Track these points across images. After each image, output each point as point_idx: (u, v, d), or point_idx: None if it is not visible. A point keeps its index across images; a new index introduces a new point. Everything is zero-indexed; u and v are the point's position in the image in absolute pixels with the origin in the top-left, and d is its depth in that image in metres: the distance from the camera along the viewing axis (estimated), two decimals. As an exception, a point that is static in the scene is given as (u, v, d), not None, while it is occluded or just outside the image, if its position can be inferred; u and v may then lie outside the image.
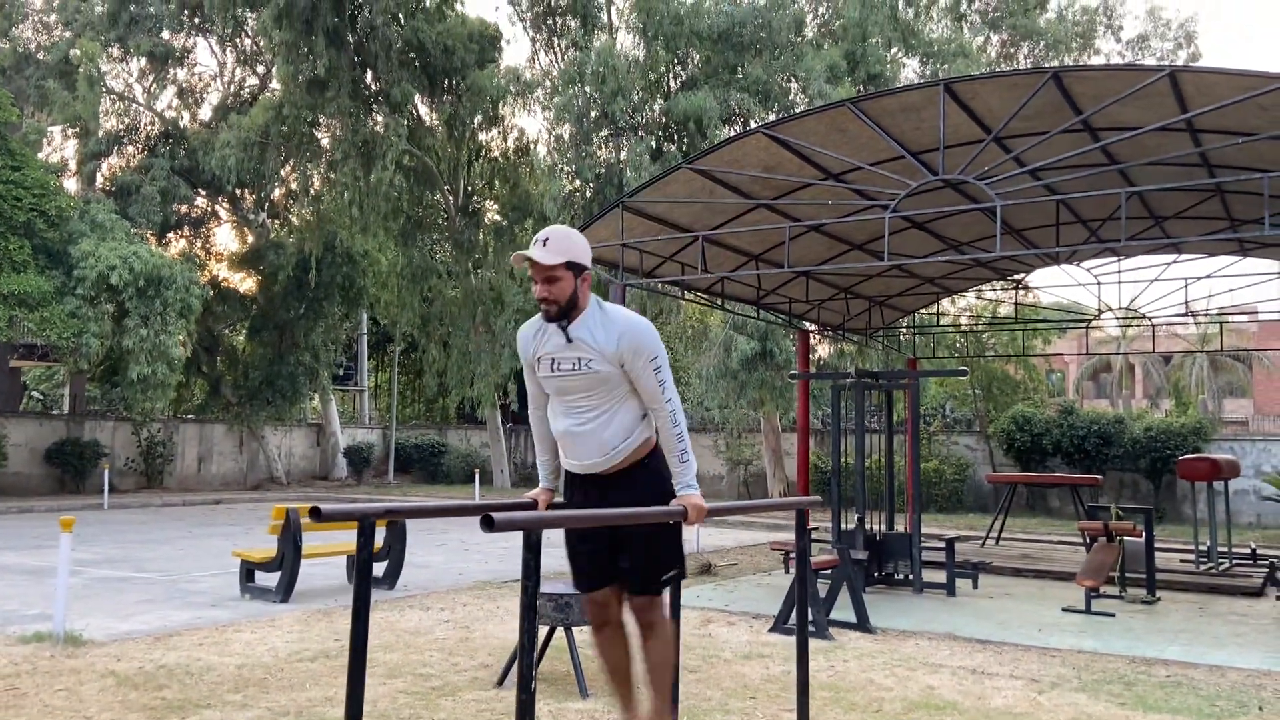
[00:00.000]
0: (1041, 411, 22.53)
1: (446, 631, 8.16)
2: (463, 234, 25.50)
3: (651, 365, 3.38)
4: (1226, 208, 11.73)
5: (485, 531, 2.57)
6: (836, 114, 9.33)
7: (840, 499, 10.71)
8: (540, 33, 24.57)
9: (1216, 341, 31.20)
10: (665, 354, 3.50)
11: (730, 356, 20.18)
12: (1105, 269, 14.97)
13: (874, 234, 12.28)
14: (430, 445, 31.26)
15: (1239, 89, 7.67)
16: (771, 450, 23.61)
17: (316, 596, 9.83)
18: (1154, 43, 26.34)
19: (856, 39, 19.71)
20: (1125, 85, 8.09)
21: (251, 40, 27.19)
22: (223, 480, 27.46)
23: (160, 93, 27.93)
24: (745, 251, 12.31)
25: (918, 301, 16.91)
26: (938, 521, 18.89)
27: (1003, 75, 9.13)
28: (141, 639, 7.45)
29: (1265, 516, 19.52)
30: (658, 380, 3.41)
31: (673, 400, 3.43)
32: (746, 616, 9.03)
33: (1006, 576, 12.11)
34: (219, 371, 27.44)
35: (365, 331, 34.02)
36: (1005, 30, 24.98)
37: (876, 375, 11.30)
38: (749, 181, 10.52)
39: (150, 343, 20.08)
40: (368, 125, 22.93)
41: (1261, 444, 20.62)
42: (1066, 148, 9.48)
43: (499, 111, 25.00)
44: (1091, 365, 49.79)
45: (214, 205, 27.65)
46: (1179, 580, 11.33)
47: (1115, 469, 21.25)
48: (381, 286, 26.94)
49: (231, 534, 16.08)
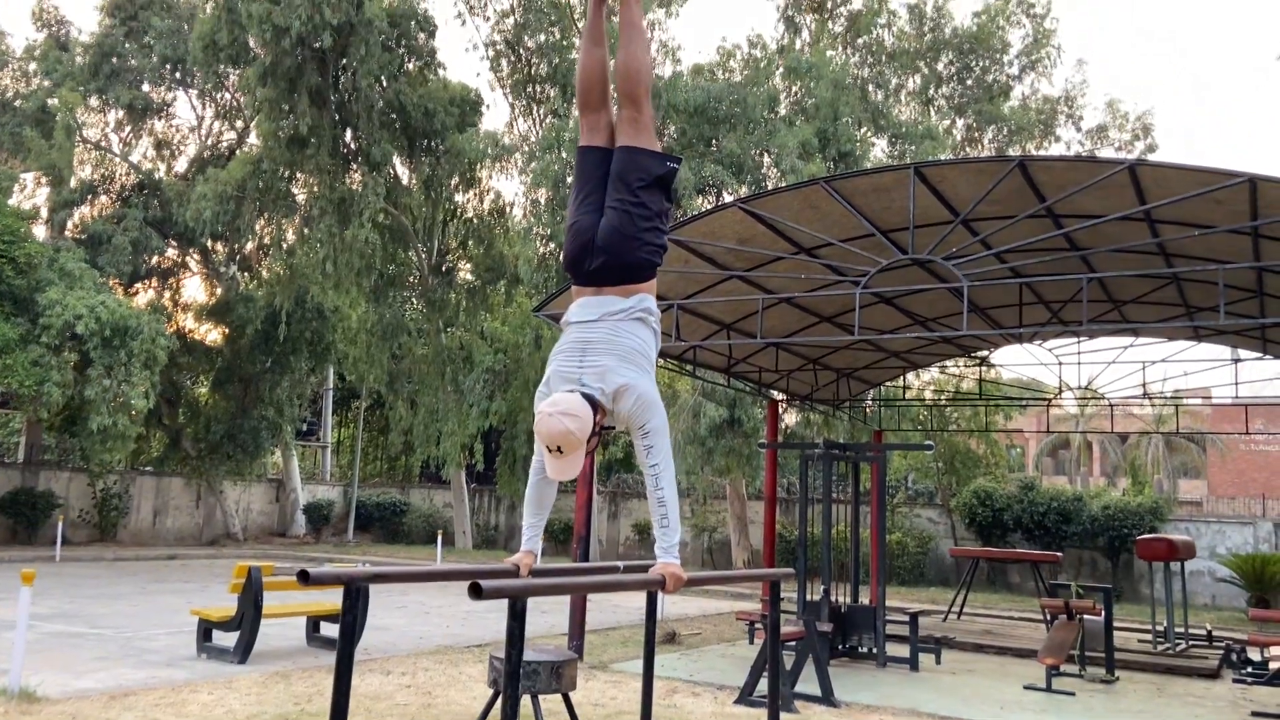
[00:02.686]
0: (1002, 487, 22.79)
1: (408, 697, 8.06)
2: (435, 292, 25.58)
3: (641, 432, 3.45)
4: (1183, 295, 12.13)
5: (473, 599, 2.61)
6: (810, 191, 9.60)
7: (806, 569, 10.76)
8: (520, 99, 25.00)
9: (1172, 423, 31.80)
10: (662, 416, 3.51)
11: (699, 423, 20.29)
12: (1066, 349, 15.33)
13: (844, 307, 12.53)
14: (392, 504, 30.89)
15: (1195, 184, 8.01)
16: (737, 518, 23.61)
17: (275, 658, 9.67)
18: (1112, 133, 27.24)
19: (828, 118, 20.26)
20: (1087, 176, 8.43)
21: (231, 95, 27.40)
22: (178, 535, 26.92)
23: (137, 144, 28.01)
24: (718, 320, 12.50)
25: (884, 374, 17.18)
26: (901, 594, 18.94)
27: (970, 161, 9.46)
28: (97, 697, 7.29)
29: (1220, 598, 19.76)
30: (646, 445, 3.46)
31: (660, 465, 3.45)
32: (711, 687, 9.00)
33: (969, 652, 12.17)
34: (180, 424, 27.08)
35: (331, 387, 33.79)
36: (971, 115, 25.77)
37: (844, 447, 11.45)
38: (723, 253, 10.73)
39: (113, 393, 19.83)
40: (345, 183, 23.10)
41: (1216, 526, 20.95)
42: (1031, 232, 9.81)
43: (476, 174, 25.29)
44: (1051, 442, 50.40)
45: (185, 256, 27.56)
46: (1137, 660, 11.44)
47: (1074, 546, 21.46)
48: (350, 342, 26.86)
49: (186, 591, 15.76)
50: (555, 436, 3.27)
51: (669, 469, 3.47)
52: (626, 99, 3.73)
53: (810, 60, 20.88)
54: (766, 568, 14.16)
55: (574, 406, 3.30)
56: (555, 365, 3.58)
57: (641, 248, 3.61)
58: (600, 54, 3.88)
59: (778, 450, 16.34)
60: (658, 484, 3.43)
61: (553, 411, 3.28)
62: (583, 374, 3.46)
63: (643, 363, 3.54)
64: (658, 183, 3.70)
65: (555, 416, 3.27)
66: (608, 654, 10.71)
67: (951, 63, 25.76)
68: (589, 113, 3.86)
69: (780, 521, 22.42)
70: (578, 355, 3.53)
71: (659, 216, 3.70)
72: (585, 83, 3.87)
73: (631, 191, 3.63)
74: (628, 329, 3.58)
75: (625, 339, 3.55)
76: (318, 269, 22.68)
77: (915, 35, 25.43)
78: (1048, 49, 26.29)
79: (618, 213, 3.62)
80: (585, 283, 3.67)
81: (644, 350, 3.57)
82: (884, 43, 25.09)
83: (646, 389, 3.48)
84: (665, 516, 3.42)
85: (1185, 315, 12.90)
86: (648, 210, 3.64)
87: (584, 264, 3.64)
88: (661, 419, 3.49)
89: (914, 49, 25.30)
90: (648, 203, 3.65)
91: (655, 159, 3.70)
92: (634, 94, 3.71)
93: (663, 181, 3.72)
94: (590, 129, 3.84)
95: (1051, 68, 26.53)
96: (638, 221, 3.61)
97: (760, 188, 19.16)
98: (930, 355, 16.59)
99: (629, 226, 3.60)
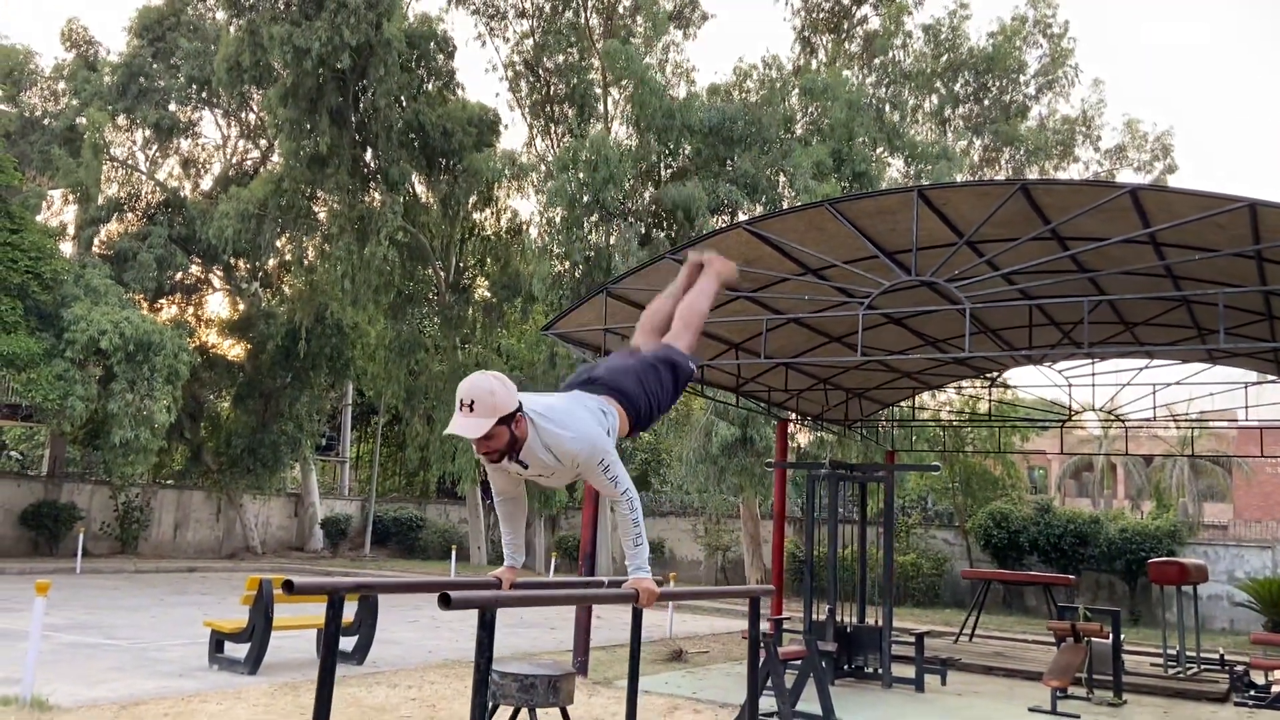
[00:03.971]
0: (1019, 509, 22.68)
1: (412, 709, 8.17)
2: (452, 309, 25.83)
3: (601, 469, 3.59)
4: (1194, 317, 12.11)
5: (442, 609, 2.72)
6: (815, 213, 9.69)
7: (813, 589, 10.79)
8: (538, 119, 25.29)
9: (1197, 445, 31.54)
10: (612, 449, 3.67)
11: (711, 442, 20.33)
12: (1080, 370, 15.31)
13: (851, 328, 12.59)
14: (409, 519, 31.09)
15: (1197, 208, 8.05)
16: (750, 536, 23.61)
17: (285, 669, 9.81)
18: (1131, 153, 27.22)
19: (843, 138, 20.35)
20: (1089, 200, 8.49)
21: (255, 114, 27.85)
22: (198, 548, 27.20)
23: (163, 162, 28.50)
24: (726, 340, 12.59)
25: (896, 395, 17.18)
26: (914, 616, 18.87)
27: (973, 185, 9.53)
28: (108, 706, 7.44)
29: (1238, 622, 19.55)
30: (609, 479, 3.61)
31: (628, 490, 3.62)
32: (713, 705, 9.05)
33: (976, 674, 12.14)
34: (201, 438, 27.42)
35: (350, 403, 34.09)
36: (988, 135, 25.81)
37: (851, 467, 11.49)
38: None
39: (135, 407, 20.15)
40: (365, 201, 23.41)
41: (1235, 549, 20.76)
42: (1036, 254, 9.85)
43: (494, 193, 25.56)
44: (1074, 463, 49.98)
45: (208, 273, 27.97)
46: (1146, 683, 11.38)
47: (1091, 569, 21.31)
48: (369, 359, 27.13)
49: (203, 603, 15.95)
50: (475, 389, 3.42)
51: (635, 493, 3.69)
52: (683, 322, 4.41)
53: (826, 81, 21.00)
54: (774, 586, 14.18)
55: (508, 382, 3.51)
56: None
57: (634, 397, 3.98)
58: (672, 305, 4.58)
59: (788, 470, 16.37)
60: (632, 508, 3.63)
61: (486, 373, 3.51)
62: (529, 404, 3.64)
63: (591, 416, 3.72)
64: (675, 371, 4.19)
65: (486, 375, 3.49)
66: (613, 670, 10.78)
67: (968, 83, 25.82)
68: (644, 333, 4.53)
69: (792, 540, 22.41)
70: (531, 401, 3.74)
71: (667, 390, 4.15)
72: (652, 313, 4.60)
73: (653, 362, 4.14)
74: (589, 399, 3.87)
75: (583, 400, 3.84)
76: (337, 286, 22.98)
77: (932, 56, 25.51)
78: (1065, 68, 26.32)
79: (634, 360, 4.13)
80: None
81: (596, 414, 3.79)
82: (900, 63, 25.18)
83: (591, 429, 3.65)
84: (638, 536, 3.59)
85: (1197, 338, 12.87)
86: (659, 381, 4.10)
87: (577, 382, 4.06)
88: (614, 453, 3.66)
89: (930, 69, 25.38)
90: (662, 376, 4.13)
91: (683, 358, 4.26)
92: (690, 322, 4.43)
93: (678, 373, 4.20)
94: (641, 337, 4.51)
95: (1069, 87, 26.59)
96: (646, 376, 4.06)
97: (775, 208, 19.26)
98: (942, 376, 16.58)
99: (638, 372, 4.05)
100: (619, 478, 3.60)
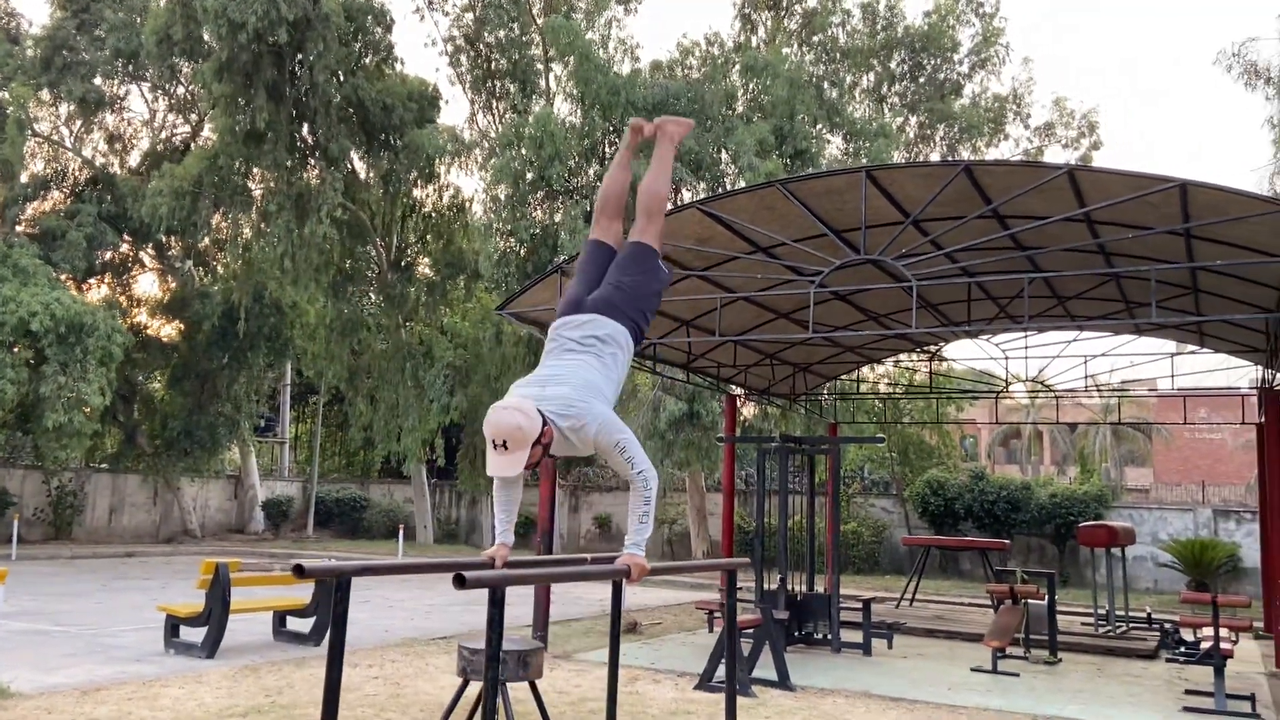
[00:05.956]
0: (954, 477, 23.36)
1: (376, 688, 8.25)
2: (394, 288, 25.59)
3: (617, 450, 3.72)
4: (1123, 292, 12.62)
5: (457, 589, 2.85)
6: (766, 193, 9.89)
7: (764, 559, 11.08)
8: (479, 95, 25.07)
9: (1118, 413, 32.69)
10: (626, 430, 3.78)
11: (658, 417, 20.57)
12: (1014, 343, 15.82)
13: (799, 304, 12.87)
14: (352, 500, 30.86)
15: (1130, 188, 8.42)
16: (696, 510, 23.96)
17: (243, 652, 9.80)
18: (1059, 130, 27.95)
19: (785, 115, 20.57)
20: (1029, 180, 8.81)
21: (185, 88, 27.14)
22: (134, 533, 26.71)
23: (89, 138, 27.64)
24: (677, 317, 12.77)
25: (839, 368, 17.58)
26: (855, 582, 19.39)
27: (919, 166, 9.82)
28: (69, 692, 7.40)
29: (1162, 582, 20.47)
30: (625, 459, 3.74)
31: (644, 470, 3.75)
32: (672, 674, 9.30)
33: (919, 637, 12.59)
34: (136, 421, 26.85)
35: (289, 383, 33.61)
36: (923, 113, 26.29)
37: (800, 440, 11.78)
38: (683, 252, 11.00)
39: (68, 390, 19.68)
40: (303, 178, 23.02)
41: (1158, 513, 21.68)
42: (978, 233, 10.18)
43: (435, 169, 25.32)
44: (1003, 432, 51.43)
45: (139, 252, 27.28)
46: (1079, 642, 11.93)
47: (1023, 533, 22.09)
48: (309, 338, 26.76)
49: (147, 588, 15.76)
50: (503, 430, 3.50)
51: (652, 472, 3.80)
52: (644, 212, 4.28)
53: (766, 58, 21.18)
54: (725, 558, 14.49)
55: (526, 407, 3.56)
56: (519, 394, 3.79)
57: (625, 320, 4.04)
58: (625, 177, 4.47)
59: (736, 444, 16.67)
60: (646, 486, 3.77)
61: (506, 406, 3.55)
62: (542, 402, 3.67)
63: (599, 395, 3.81)
64: (652, 282, 4.18)
65: (508, 410, 3.53)
66: (571, 644, 10.97)
67: (904, 61, 26.24)
68: (604, 218, 4.40)
69: (739, 513, 22.80)
70: (539, 386, 3.78)
71: (645, 312, 4.16)
72: (606, 194, 4.43)
73: (630, 275, 4.12)
74: (590, 364, 3.89)
75: (585, 373, 3.84)
76: (275, 265, 22.61)
77: (868, 33, 25.85)
78: (996, 47, 26.86)
79: (612, 288, 4.09)
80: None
81: (601, 385, 3.85)
82: (838, 41, 25.47)
83: (606, 414, 3.75)
84: (646, 514, 3.77)
85: (1125, 311, 13.42)
86: (639, 295, 4.11)
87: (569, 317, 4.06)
88: (629, 433, 3.77)
89: (867, 47, 25.73)
90: (641, 288, 4.12)
91: (655, 262, 4.22)
92: (652, 209, 4.29)
93: (657, 283, 4.21)
94: (603, 230, 4.37)
95: (1000, 66, 27.13)
96: (629, 304, 4.07)
97: (718, 185, 19.44)
98: (883, 350, 17.01)
99: (620, 301, 4.06)
100: (634, 458, 3.71)
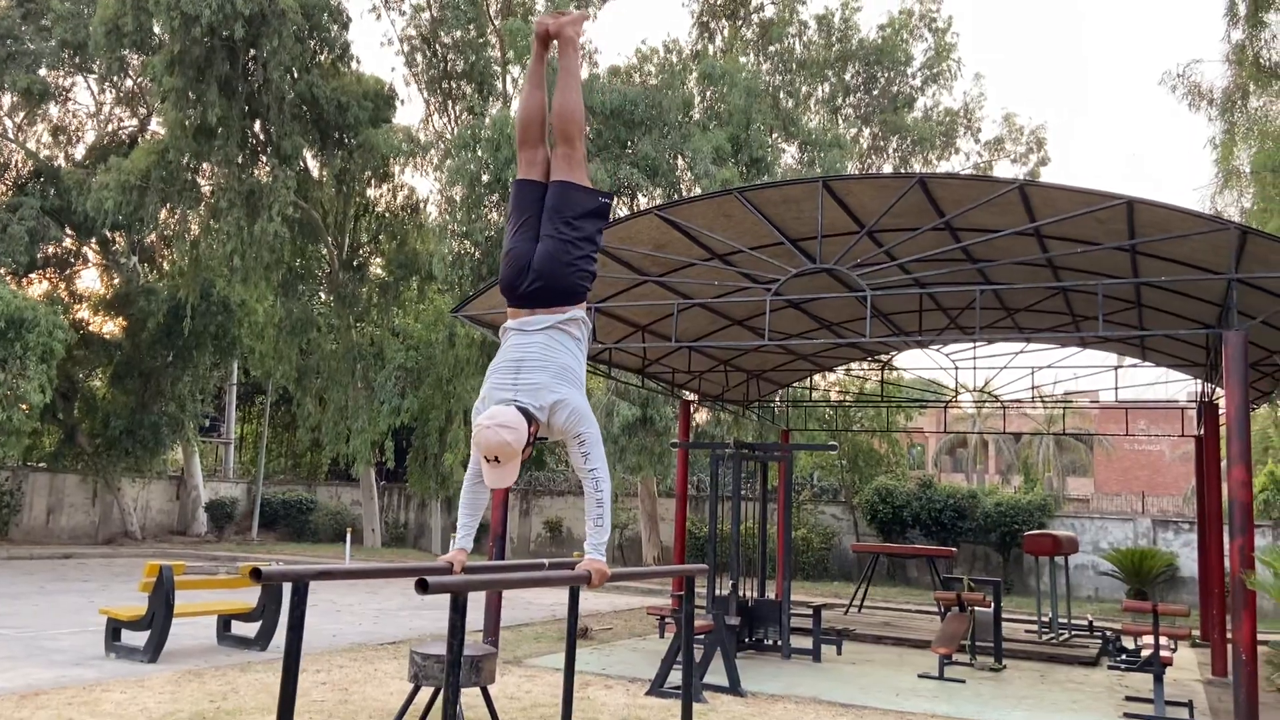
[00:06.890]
0: (903, 484, 23.65)
1: (324, 694, 8.14)
2: (346, 288, 25.31)
3: (576, 441, 3.71)
4: (1069, 304, 12.88)
5: (420, 594, 2.82)
6: (724, 200, 9.94)
7: (716, 565, 11.12)
8: (435, 96, 24.91)
9: (1061, 423, 33.39)
10: (593, 424, 3.76)
11: (612, 422, 20.55)
12: (963, 353, 16.08)
13: (755, 312, 12.95)
14: (298, 502, 30.41)
15: (1078, 203, 8.61)
16: (648, 515, 23.98)
17: (186, 656, 9.62)
18: (1009, 145, 28.51)
19: (741, 124, 20.72)
20: (981, 194, 8.97)
21: (134, 81, 26.60)
22: (72, 533, 26.07)
23: (32, 130, 26.98)
24: (633, 322, 12.79)
25: (792, 376, 17.71)
26: (805, 589, 19.55)
27: (875, 177, 9.93)
28: (7, 697, 7.20)
29: (1102, 590, 20.90)
30: (581, 453, 3.72)
31: (595, 470, 3.71)
32: (624, 680, 9.29)
33: (868, 644, 12.72)
34: (76, 419, 26.21)
35: (235, 382, 33.04)
36: (876, 124, 26.65)
37: (753, 447, 11.86)
38: (640, 257, 11.02)
39: (7, 387, 19.17)
40: (254, 175, 22.68)
41: (1100, 522, 22.14)
42: (931, 244, 10.34)
43: (390, 169, 25.09)
44: (949, 441, 52.21)
45: (82, 246, 26.66)
46: (1023, 649, 12.13)
47: (969, 541, 22.43)
48: (257, 337, 26.34)
49: (87, 590, 15.39)
50: (494, 447, 3.49)
51: (606, 473, 3.74)
52: (562, 137, 4.00)
53: (724, 66, 21.32)
54: (678, 564, 14.51)
55: (511, 419, 3.52)
56: (491, 383, 3.78)
57: (574, 274, 3.88)
58: (540, 96, 4.13)
59: (689, 450, 16.72)
60: (597, 487, 3.70)
61: (491, 424, 3.50)
62: (517, 392, 3.67)
63: (573, 379, 3.78)
64: (591, 215, 3.97)
65: (494, 429, 3.48)
66: (522, 649, 10.92)
67: (858, 73, 26.57)
68: (527, 148, 4.11)
69: (691, 519, 22.86)
70: (511, 373, 3.74)
71: (591, 245, 3.96)
72: (525, 121, 4.13)
73: (566, 222, 3.90)
74: (559, 344, 3.81)
75: (557, 356, 3.78)
76: (224, 262, 22.23)
77: (824, 45, 26.15)
78: (948, 62, 27.33)
79: (553, 240, 3.89)
80: (520, 304, 3.91)
81: (574, 367, 3.81)
82: (794, 51, 25.74)
83: (578, 403, 3.72)
84: (601, 517, 3.70)
85: (1072, 324, 13.70)
86: (580, 240, 3.92)
87: (518, 286, 3.88)
88: (595, 428, 3.74)
89: (823, 59, 26.02)
90: (580, 233, 3.92)
91: (588, 194, 3.98)
92: (569, 133, 3.97)
93: (596, 214, 3.99)
94: (528, 164, 4.09)
95: (951, 80, 27.62)
96: (571, 250, 3.89)
97: (675, 191, 19.51)
98: (836, 358, 17.17)
99: (563, 254, 3.87)
100: (590, 455, 3.69)
